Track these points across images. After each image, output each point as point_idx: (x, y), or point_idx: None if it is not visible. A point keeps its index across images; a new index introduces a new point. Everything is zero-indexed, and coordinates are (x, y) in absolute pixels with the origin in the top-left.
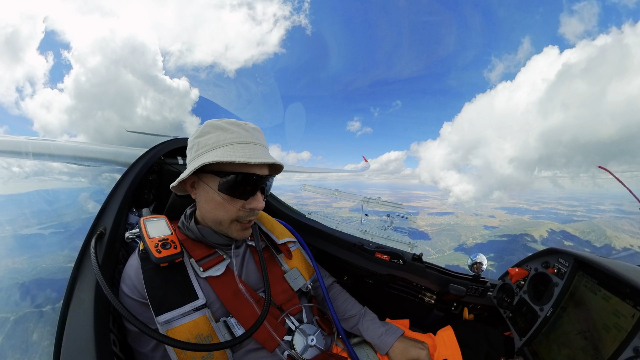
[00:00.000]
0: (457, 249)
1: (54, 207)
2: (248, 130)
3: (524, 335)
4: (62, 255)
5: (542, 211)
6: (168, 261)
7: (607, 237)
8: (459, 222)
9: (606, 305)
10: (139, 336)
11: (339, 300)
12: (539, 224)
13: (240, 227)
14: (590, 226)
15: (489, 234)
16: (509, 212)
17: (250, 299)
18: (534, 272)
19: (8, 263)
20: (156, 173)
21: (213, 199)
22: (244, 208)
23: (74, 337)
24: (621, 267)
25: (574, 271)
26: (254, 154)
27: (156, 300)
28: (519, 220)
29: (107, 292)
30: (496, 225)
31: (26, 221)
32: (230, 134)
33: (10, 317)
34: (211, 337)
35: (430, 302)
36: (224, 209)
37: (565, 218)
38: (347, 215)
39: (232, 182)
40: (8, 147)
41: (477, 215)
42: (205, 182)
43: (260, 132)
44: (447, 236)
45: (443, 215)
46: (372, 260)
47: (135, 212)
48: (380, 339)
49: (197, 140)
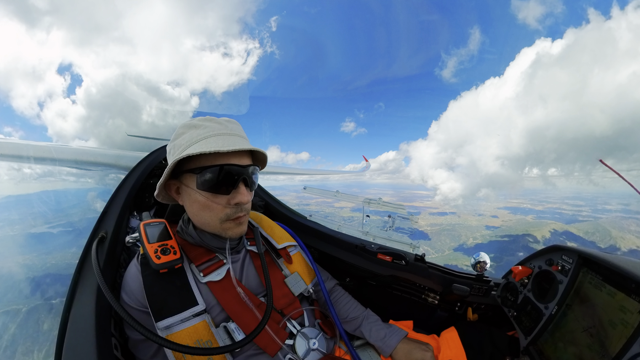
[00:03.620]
0: (456, 249)
1: (62, 207)
2: (221, 123)
3: (529, 334)
4: (70, 253)
5: (547, 211)
6: (167, 267)
7: (612, 237)
8: (461, 222)
9: (612, 302)
10: (139, 343)
11: (341, 302)
12: (542, 224)
13: (234, 224)
14: (594, 226)
15: (491, 234)
16: (513, 212)
17: (251, 304)
18: (538, 270)
19: (19, 259)
20: (157, 177)
21: (196, 200)
22: (229, 204)
23: (75, 341)
24: (626, 262)
25: (578, 268)
26: (228, 142)
27: (156, 306)
28: (522, 220)
29: (109, 296)
30: (498, 225)
31: (36, 220)
32: (203, 129)
33: (23, 308)
34: (211, 343)
35: (434, 302)
36: (209, 210)
37: (570, 218)
38: (349, 215)
39: (209, 176)
40: (9, 151)
41: (479, 215)
42: (186, 183)
43: (235, 123)
44: (448, 236)
45: (445, 215)
46: (374, 262)
47: (136, 215)
48: (383, 341)
49: (173, 143)
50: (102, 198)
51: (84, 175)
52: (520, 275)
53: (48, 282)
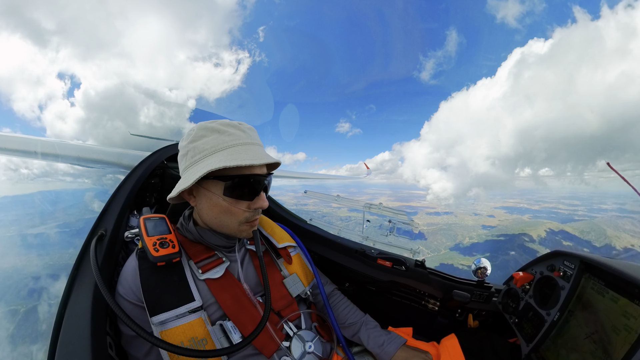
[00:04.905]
0: (452, 248)
1: (59, 207)
2: (245, 131)
3: (531, 341)
4: (68, 253)
5: (543, 210)
6: (165, 260)
7: (608, 236)
8: (457, 221)
9: (615, 307)
10: (132, 339)
11: (340, 307)
12: (538, 224)
13: (248, 227)
14: (590, 226)
15: (487, 233)
16: (509, 211)
17: (256, 302)
18: (539, 275)
19: (16, 260)
20: (158, 177)
21: (217, 204)
22: (249, 209)
23: (69, 338)
24: (629, 267)
25: (580, 273)
26: (256, 155)
27: (152, 300)
28: (519, 219)
29: (105, 293)
30: (495, 224)
31: (32, 221)
32: (228, 136)
33: (21, 309)
34: (206, 341)
35: (434, 309)
36: (230, 213)
37: (566, 217)
38: (346, 215)
39: (238, 185)
40: (18, 146)
41: (476, 214)
42: (207, 188)
43: (255, 131)
44: (444, 236)
45: (441, 215)
46: (374, 267)
47: (136, 214)
48: (381, 349)
49: (192, 145)
50: (99, 198)
51: (81, 175)
52: (521, 281)
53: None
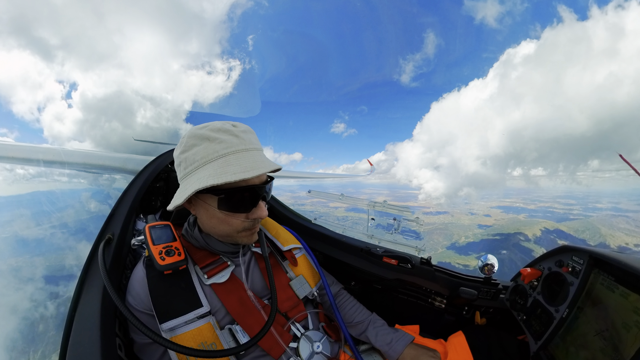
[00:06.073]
0: (449, 247)
1: (56, 207)
2: (238, 135)
3: (540, 339)
4: (64, 255)
5: (539, 210)
6: (172, 268)
7: (602, 235)
8: (454, 221)
9: (625, 303)
10: (145, 346)
11: (347, 306)
12: (534, 223)
13: (248, 234)
14: (585, 224)
15: (483, 232)
16: (505, 211)
17: (259, 306)
18: (548, 271)
19: (12, 262)
20: (163, 180)
21: (214, 215)
22: (248, 219)
23: (80, 339)
24: (639, 262)
25: (589, 269)
26: (250, 163)
27: (160, 307)
28: (514, 219)
29: (114, 296)
30: (491, 224)
31: (28, 222)
32: (219, 144)
33: (20, 310)
34: (215, 345)
35: (441, 306)
36: (227, 224)
37: (561, 216)
38: (343, 214)
39: (231, 199)
40: (20, 154)
41: (472, 214)
42: (203, 200)
43: (251, 133)
44: (440, 235)
45: (438, 215)
46: (379, 265)
47: (142, 218)
48: (389, 346)
49: (184, 156)
50: (96, 199)
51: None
52: (529, 278)
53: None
